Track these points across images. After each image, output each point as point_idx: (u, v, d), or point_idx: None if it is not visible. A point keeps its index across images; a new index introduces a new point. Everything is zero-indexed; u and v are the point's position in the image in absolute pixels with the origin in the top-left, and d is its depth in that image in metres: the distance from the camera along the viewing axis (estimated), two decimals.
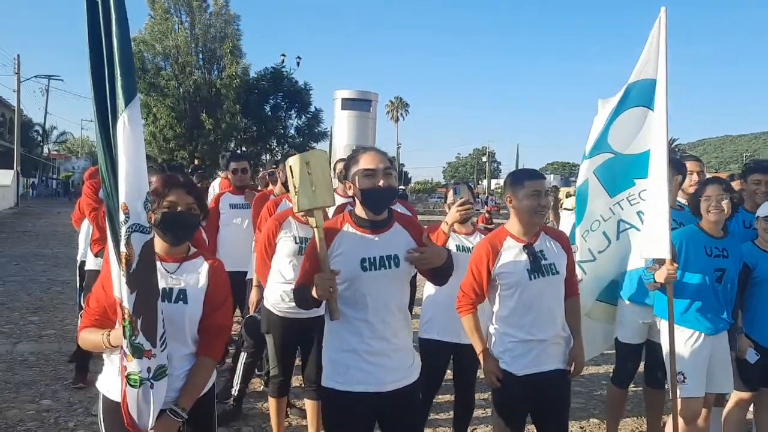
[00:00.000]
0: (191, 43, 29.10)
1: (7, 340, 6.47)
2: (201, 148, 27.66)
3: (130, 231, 2.11)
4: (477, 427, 4.58)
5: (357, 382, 2.56)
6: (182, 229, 2.46)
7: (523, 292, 2.94)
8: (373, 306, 2.55)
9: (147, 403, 2.20)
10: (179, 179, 2.53)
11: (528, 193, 2.91)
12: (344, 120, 22.77)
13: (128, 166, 2.12)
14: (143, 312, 2.14)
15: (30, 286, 9.48)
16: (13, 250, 13.75)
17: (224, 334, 2.58)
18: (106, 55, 2.14)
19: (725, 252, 3.55)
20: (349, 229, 2.61)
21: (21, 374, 5.39)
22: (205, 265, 2.51)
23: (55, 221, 21.94)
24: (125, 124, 2.12)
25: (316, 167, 2.48)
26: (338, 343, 2.60)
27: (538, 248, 2.97)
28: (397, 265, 2.58)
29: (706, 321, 3.50)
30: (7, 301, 8.30)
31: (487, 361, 3.01)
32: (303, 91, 30.44)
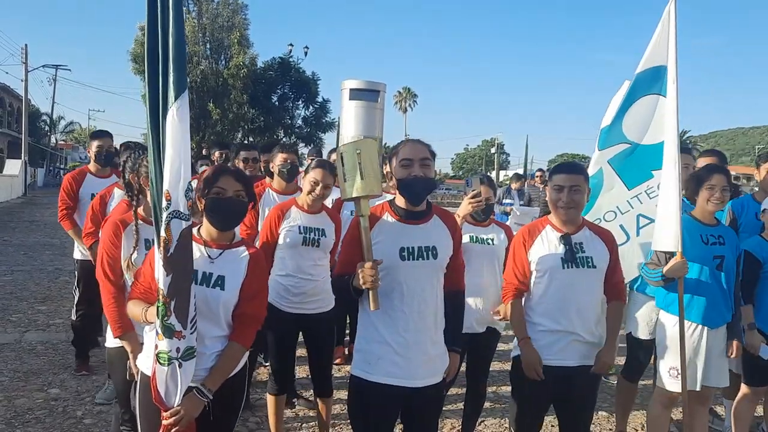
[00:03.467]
0: (198, 32, 29.07)
1: (16, 329, 6.50)
2: (208, 138, 27.63)
3: (170, 217, 2.23)
4: (484, 419, 4.57)
5: (387, 374, 2.57)
6: (229, 214, 2.55)
7: (554, 280, 2.95)
8: (409, 295, 2.56)
9: (174, 381, 2.31)
10: (228, 167, 2.66)
11: (552, 186, 3.01)
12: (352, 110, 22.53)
13: (173, 155, 2.25)
14: (176, 294, 2.24)
15: (38, 275, 9.52)
16: (21, 239, 13.80)
17: (256, 323, 2.62)
18: (161, 51, 2.27)
19: (721, 239, 3.51)
20: (389, 218, 2.64)
21: (29, 363, 5.41)
22: (246, 254, 2.58)
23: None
24: (174, 115, 2.25)
25: (366, 156, 2.51)
26: (371, 333, 2.61)
27: (577, 240, 2.97)
28: (435, 256, 2.60)
29: (708, 314, 3.46)
30: (16, 290, 8.34)
31: (527, 350, 2.97)
32: (310, 81, 30.38)
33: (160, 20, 2.25)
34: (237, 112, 28.68)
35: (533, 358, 2.94)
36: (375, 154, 2.54)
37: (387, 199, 2.75)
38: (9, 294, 8.10)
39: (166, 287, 2.22)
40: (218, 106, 28.08)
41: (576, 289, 2.93)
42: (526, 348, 2.98)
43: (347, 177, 2.50)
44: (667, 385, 3.51)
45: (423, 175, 2.55)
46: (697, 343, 3.45)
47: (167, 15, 2.24)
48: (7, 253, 11.66)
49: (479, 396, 3.93)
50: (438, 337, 2.65)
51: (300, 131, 30.29)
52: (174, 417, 2.32)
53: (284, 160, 4.28)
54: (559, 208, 2.97)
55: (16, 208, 23.16)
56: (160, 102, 2.27)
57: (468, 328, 3.60)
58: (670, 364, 3.48)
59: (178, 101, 2.23)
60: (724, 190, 3.45)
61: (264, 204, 4.29)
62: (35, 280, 9.15)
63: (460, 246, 2.77)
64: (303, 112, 31.20)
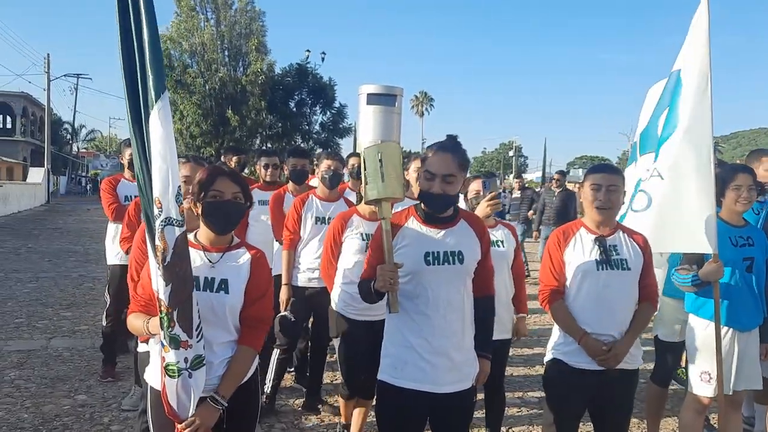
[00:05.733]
0: (217, 40, 29.28)
1: (42, 335, 6.56)
2: (227, 144, 27.78)
3: (163, 225, 2.17)
4: (512, 426, 4.51)
5: (412, 379, 2.54)
6: (228, 217, 2.47)
7: (588, 282, 2.90)
8: (434, 301, 2.53)
9: (186, 392, 2.25)
10: (224, 169, 2.56)
11: (588, 186, 2.95)
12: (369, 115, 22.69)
13: (160, 161, 2.17)
14: (179, 304, 2.18)
15: (62, 282, 9.62)
16: (45, 246, 13.99)
17: (265, 325, 2.58)
18: (137, 52, 2.20)
19: (750, 240, 3.43)
20: (414, 222, 2.62)
21: (56, 369, 5.45)
22: (248, 256, 2.52)
23: (84, 218, 22.31)
24: (157, 117, 2.17)
25: (388, 160, 2.49)
26: (398, 338, 2.60)
27: (611, 242, 2.92)
28: (461, 261, 2.57)
29: (740, 318, 3.39)
30: (41, 297, 8.43)
31: (588, 345, 2.85)
32: (327, 86, 30.47)
33: (133, 23, 2.20)
34: (255, 118, 28.84)
35: (594, 350, 2.83)
36: (397, 157, 2.53)
37: (412, 204, 2.72)
38: (35, 300, 8.20)
39: (167, 297, 2.15)
40: (237, 112, 28.26)
41: (610, 291, 2.87)
42: (588, 342, 2.85)
43: (369, 180, 2.49)
44: (699, 390, 3.44)
45: (442, 192, 2.51)
46: (729, 347, 3.38)
47: (139, 13, 2.18)
48: (32, 260, 11.82)
49: (500, 402, 3.89)
50: (465, 343, 2.61)
51: (317, 137, 30.38)
52: (189, 428, 2.28)
53: (328, 166, 4.34)
54: (595, 208, 2.91)
55: (40, 215, 23.51)
56: (142, 107, 2.20)
57: None
58: (702, 368, 3.41)
59: (159, 102, 2.16)
60: (751, 189, 3.38)
61: (307, 210, 4.35)
62: (60, 286, 9.25)
63: (488, 251, 2.73)
64: (320, 117, 31.33)
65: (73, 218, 21.66)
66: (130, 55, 2.21)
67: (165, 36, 28.52)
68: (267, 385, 4.54)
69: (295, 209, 4.36)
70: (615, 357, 2.83)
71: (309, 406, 4.64)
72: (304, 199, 4.40)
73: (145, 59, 2.18)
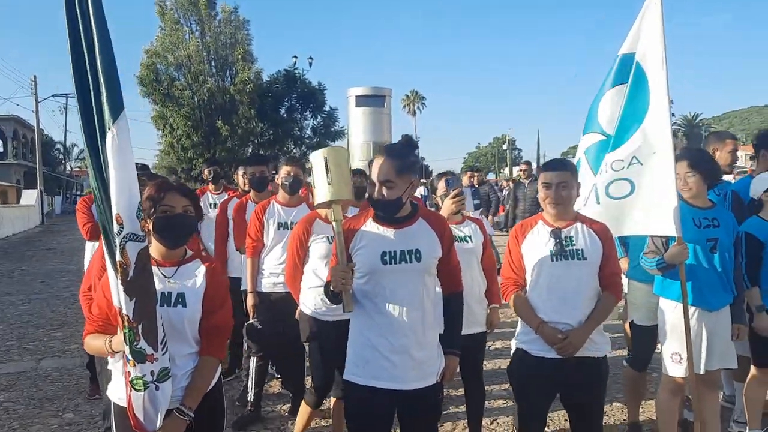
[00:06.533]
0: (203, 51, 29.30)
1: (32, 357, 6.58)
2: (219, 155, 27.83)
3: (125, 240, 2.17)
4: (497, 417, 4.54)
5: (374, 377, 2.58)
6: (180, 232, 2.50)
7: (544, 273, 2.94)
8: (393, 299, 2.57)
9: (154, 405, 2.27)
10: (172, 183, 2.60)
11: (540, 183, 3.02)
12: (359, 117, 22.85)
13: (119, 178, 2.17)
14: (143, 318, 2.20)
15: (54, 302, 9.63)
16: (38, 267, 14.00)
17: (225, 334, 2.62)
18: (90, 72, 2.19)
19: (715, 221, 3.46)
20: (371, 223, 2.66)
21: (44, 390, 5.47)
22: (202, 268, 2.54)
23: (78, 237, 22.01)
24: (114, 138, 2.16)
25: (334, 163, 2.53)
26: (359, 337, 2.64)
27: (567, 234, 2.96)
28: (419, 259, 2.60)
29: (705, 297, 3.41)
30: (32, 319, 8.45)
31: (545, 333, 2.89)
32: (317, 91, 30.52)
33: (85, 43, 2.18)
34: (246, 127, 28.88)
35: (553, 337, 2.87)
36: (344, 160, 2.57)
37: None
38: (26, 323, 8.21)
39: (131, 312, 2.16)
40: (227, 122, 28.27)
41: (565, 281, 2.90)
42: (544, 330, 2.89)
43: (317, 184, 2.54)
44: (671, 371, 3.47)
45: (383, 197, 2.56)
46: (697, 327, 3.40)
47: (90, 32, 2.17)
48: (25, 282, 11.84)
49: (479, 396, 3.90)
50: (427, 341, 2.63)
51: (309, 141, 30.43)
52: None
53: (287, 173, 4.35)
54: (546, 204, 2.99)
55: (34, 236, 23.52)
56: (96, 127, 2.19)
57: None
58: (673, 349, 3.44)
59: (116, 124, 2.16)
60: (688, 177, 3.44)
61: (269, 216, 4.36)
62: (51, 306, 9.26)
63: (451, 247, 2.75)
64: (311, 122, 31.38)
65: (67, 238, 21.63)
66: (81, 75, 2.21)
67: (151, 50, 28.56)
68: (249, 394, 4.56)
69: (257, 216, 4.38)
70: (571, 345, 2.85)
71: (295, 410, 4.64)
72: (265, 205, 4.41)
73: (99, 80, 2.17)
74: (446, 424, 4.44)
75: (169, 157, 30.33)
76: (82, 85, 2.21)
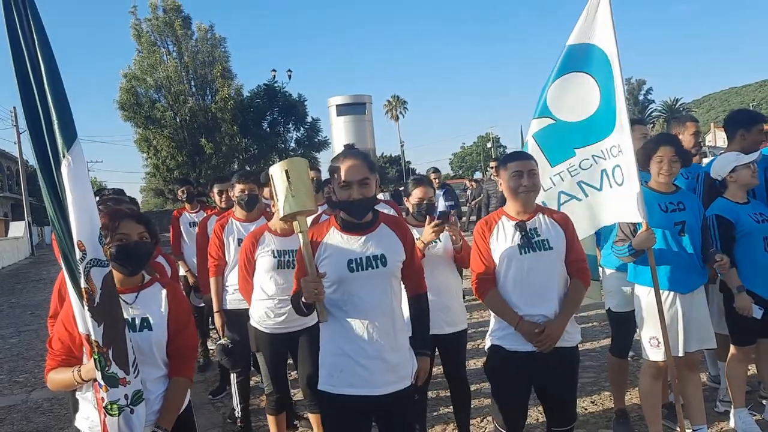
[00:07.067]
0: (181, 71, 29.36)
1: (23, 389, 6.54)
2: (205, 173, 27.86)
3: (89, 267, 2.17)
4: (486, 416, 4.55)
5: (349, 385, 2.58)
6: (138, 259, 2.50)
7: (514, 267, 2.95)
8: (363, 307, 2.58)
9: (129, 427, 2.27)
10: (125, 211, 2.61)
11: (510, 173, 3.00)
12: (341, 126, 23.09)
13: (79, 205, 2.18)
14: (113, 342, 2.20)
15: (44, 333, 9.44)
16: (27, 299, 13.90)
17: (193, 354, 2.66)
18: (41, 104, 2.20)
19: (681, 205, 3.51)
20: (335, 232, 2.67)
21: (35, 422, 5.45)
22: (163, 291, 2.55)
23: None
24: (70, 166, 2.18)
25: (295, 174, 2.54)
26: (332, 346, 2.64)
27: (531, 226, 2.99)
28: (384, 264, 2.61)
29: (677, 279, 3.45)
30: (23, 351, 8.40)
31: (523, 329, 2.90)
32: (297, 103, 30.64)
33: (32, 76, 2.19)
34: (230, 143, 28.93)
35: (532, 332, 2.88)
36: (304, 171, 2.59)
37: None
38: (16, 356, 8.16)
39: (99, 337, 2.16)
40: (210, 140, 28.31)
41: (536, 273, 2.93)
42: (523, 326, 2.90)
43: (279, 197, 2.54)
44: (650, 355, 3.50)
45: (362, 196, 2.57)
46: (672, 310, 3.44)
47: (37, 63, 2.19)
48: (14, 315, 11.76)
49: (464, 396, 3.92)
50: (399, 344, 2.65)
51: (294, 153, 30.46)
52: None
53: (241, 191, 4.40)
54: (520, 194, 2.97)
55: (24, 268, 23.37)
56: (51, 156, 2.21)
57: (435, 329, 3.61)
58: (650, 334, 3.47)
59: (70, 153, 2.18)
60: (673, 162, 3.46)
61: (228, 234, 4.41)
62: (41, 338, 9.18)
63: (413, 250, 2.78)
64: (294, 134, 31.46)
65: (57, 267, 21.26)
66: (31, 107, 2.21)
67: (129, 74, 28.59)
68: (236, 410, 4.56)
69: (216, 235, 4.42)
70: (549, 337, 2.87)
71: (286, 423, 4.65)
72: (223, 224, 4.46)
73: (50, 112, 2.18)
74: (436, 427, 4.45)
75: (155, 179, 30.33)
76: (32, 117, 2.22)
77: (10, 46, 2.19)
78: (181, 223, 6.39)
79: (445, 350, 3.79)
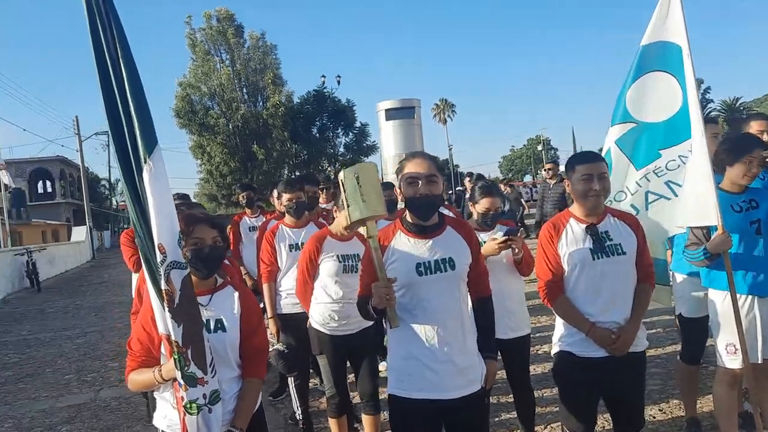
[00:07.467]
0: (234, 79, 29.94)
1: (91, 388, 6.77)
2: (256, 178, 28.32)
3: (169, 269, 2.24)
4: (549, 423, 4.48)
5: (419, 389, 2.57)
6: (212, 262, 2.57)
7: (585, 272, 2.89)
8: (431, 310, 2.56)
9: (208, 427, 2.33)
10: (199, 215, 2.69)
11: (579, 177, 2.92)
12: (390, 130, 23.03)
13: (159, 209, 2.25)
14: (192, 342, 2.26)
15: (109, 334, 9.91)
16: (91, 301, 14.42)
17: (264, 355, 2.72)
18: (123, 112, 2.28)
19: (753, 203, 3.38)
20: (402, 236, 2.65)
21: (105, 420, 5.63)
22: (236, 293, 2.62)
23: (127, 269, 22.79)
24: (151, 171, 2.25)
25: (365, 179, 2.53)
26: (400, 350, 2.63)
27: (602, 229, 2.91)
28: (453, 267, 2.59)
29: (756, 283, 3.33)
30: (89, 351, 8.71)
31: (597, 335, 2.86)
32: (346, 108, 30.87)
33: (116, 84, 2.26)
34: (280, 149, 29.32)
35: (606, 338, 2.83)
36: (374, 176, 2.57)
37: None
38: (83, 355, 8.46)
39: (179, 337, 2.23)
40: (262, 146, 28.79)
41: (608, 279, 2.86)
42: (596, 332, 2.85)
43: (350, 202, 2.53)
44: (727, 363, 3.38)
45: (429, 192, 2.55)
46: (750, 315, 3.32)
47: (121, 78, 2.26)
48: (80, 316, 12.21)
49: (530, 403, 3.87)
50: (468, 347, 2.63)
51: (343, 158, 30.71)
52: None
53: (289, 199, 4.49)
54: (589, 198, 2.88)
55: (86, 272, 24.23)
56: (133, 163, 2.28)
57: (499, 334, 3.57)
58: (727, 340, 3.35)
59: (152, 158, 2.24)
60: (761, 164, 3.35)
61: (279, 240, 4.50)
62: (106, 338, 9.53)
63: (479, 253, 2.76)
64: (343, 139, 31.70)
65: (117, 270, 22.17)
66: (114, 116, 2.29)
67: (184, 82, 29.33)
68: (297, 413, 4.62)
69: (268, 241, 4.51)
70: (624, 343, 2.82)
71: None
72: (274, 230, 4.54)
73: (132, 120, 2.26)
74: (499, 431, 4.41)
75: (208, 184, 31.03)
76: (116, 126, 2.30)
77: (95, 56, 2.28)
78: (240, 228, 6.54)
79: (509, 355, 3.75)
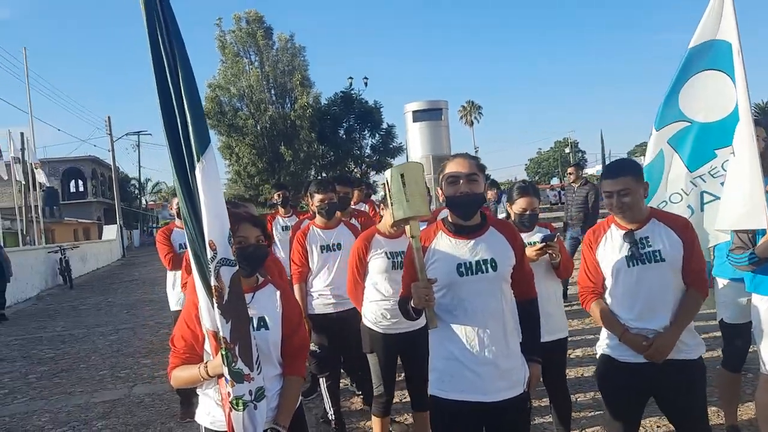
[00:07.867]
0: (263, 80, 30.14)
1: (125, 384, 6.88)
2: (284, 179, 28.49)
3: (219, 265, 2.27)
4: (585, 428, 4.42)
5: (460, 390, 2.56)
6: (255, 261, 2.61)
7: (623, 279, 2.86)
8: (473, 311, 2.55)
9: (253, 423, 2.35)
10: (243, 214, 2.71)
11: (603, 193, 2.94)
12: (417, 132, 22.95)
13: (211, 207, 2.28)
14: (239, 339, 2.29)
15: (141, 331, 10.06)
16: (122, 299, 14.67)
17: (304, 353, 2.74)
18: (178, 112, 2.31)
19: None
20: (443, 236, 2.65)
21: (138, 416, 5.71)
22: (277, 292, 2.66)
23: (157, 267, 23.11)
24: (204, 169, 2.28)
25: (411, 179, 2.52)
26: (442, 351, 2.62)
27: (642, 235, 2.87)
28: (495, 269, 2.58)
29: None
30: (122, 348, 8.85)
31: (629, 341, 2.84)
32: (373, 110, 30.86)
33: (171, 83, 2.30)
34: (308, 150, 29.44)
35: (638, 344, 2.81)
36: (420, 176, 2.55)
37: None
38: (116, 352, 8.60)
39: (228, 334, 2.25)
40: (289, 147, 28.94)
41: (645, 285, 2.82)
42: (628, 338, 2.83)
43: (394, 201, 2.52)
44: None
45: (470, 191, 2.54)
46: None
47: (177, 72, 2.29)
48: (112, 313, 12.41)
49: (566, 404, 3.84)
50: (510, 350, 2.60)
51: (369, 160, 30.75)
52: None
53: (321, 200, 4.50)
54: (614, 212, 2.93)
55: (117, 269, 24.64)
56: (186, 161, 2.31)
57: None
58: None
59: (204, 157, 2.28)
60: None
61: (310, 241, 4.52)
62: (138, 335, 9.67)
63: (523, 254, 2.73)
64: (370, 140, 31.70)
65: (148, 268, 22.55)
66: (169, 114, 2.33)
67: (213, 84, 29.64)
68: (329, 413, 4.63)
69: (299, 242, 4.53)
70: (658, 350, 2.77)
71: None
72: (305, 231, 4.57)
73: (186, 119, 2.29)
74: None
75: (236, 185, 31.30)
76: (170, 124, 2.33)
77: (152, 56, 2.31)
78: (273, 227, 6.58)
79: (546, 359, 3.70)
